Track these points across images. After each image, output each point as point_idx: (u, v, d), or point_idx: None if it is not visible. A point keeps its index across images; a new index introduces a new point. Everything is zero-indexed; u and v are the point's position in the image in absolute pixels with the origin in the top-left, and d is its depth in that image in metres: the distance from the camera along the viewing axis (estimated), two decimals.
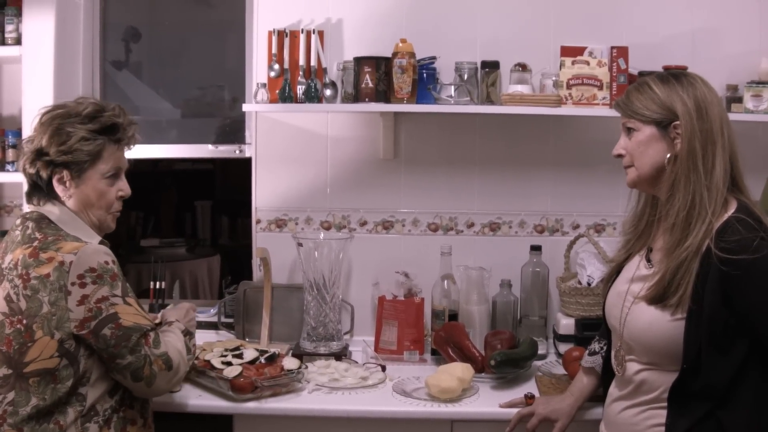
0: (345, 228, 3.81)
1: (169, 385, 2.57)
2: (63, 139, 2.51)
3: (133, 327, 2.44)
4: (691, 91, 2.36)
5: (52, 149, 2.50)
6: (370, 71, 3.45)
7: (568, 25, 3.69)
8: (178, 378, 2.59)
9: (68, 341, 2.39)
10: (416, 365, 3.47)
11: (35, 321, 2.37)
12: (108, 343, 2.41)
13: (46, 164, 2.52)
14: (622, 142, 2.49)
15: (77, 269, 2.39)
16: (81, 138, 2.52)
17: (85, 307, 2.39)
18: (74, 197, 2.56)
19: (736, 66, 3.63)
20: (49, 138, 2.51)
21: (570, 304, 3.51)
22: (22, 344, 2.38)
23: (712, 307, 2.23)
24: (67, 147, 2.51)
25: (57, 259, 2.40)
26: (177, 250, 6.42)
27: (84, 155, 2.53)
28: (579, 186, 3.76)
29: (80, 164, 2.53)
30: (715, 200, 2.30)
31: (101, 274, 2.42)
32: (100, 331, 2.40)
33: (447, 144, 3.77)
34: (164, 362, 2.50)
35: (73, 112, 2.56)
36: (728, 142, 2.35)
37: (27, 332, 2.38)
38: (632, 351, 2.46)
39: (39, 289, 2.38)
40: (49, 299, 2.38)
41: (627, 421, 2.48)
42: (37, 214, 2.54)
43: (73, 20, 3.89)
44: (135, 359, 2.44)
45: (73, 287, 2.39)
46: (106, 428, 2.46)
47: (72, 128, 2.52)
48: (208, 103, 4.40)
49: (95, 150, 2.55)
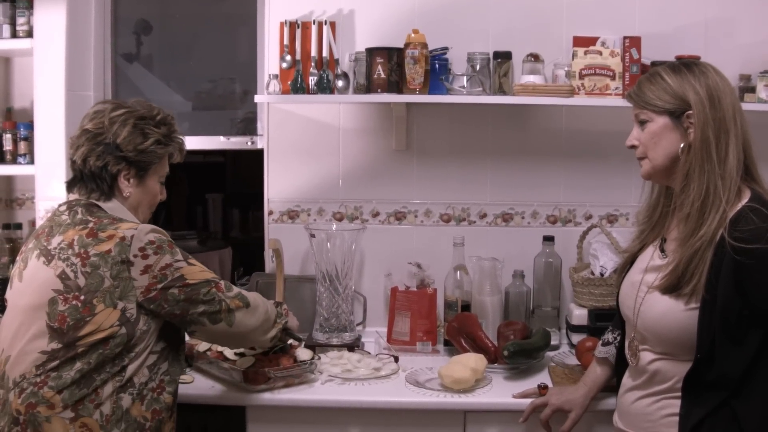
0: (357, 219, 3.81)
1: (255, 320, 2.69)
2: (141, 140, 2.60)
3: (201, 282, 2.54)
4: (703, 80, 2.35)
5: (129, 146, 2.58)
6: (383, 62, 3.44)
7: (580, 15, 3.68)
8: (261, 314, 2.71)
9: (130, 310, 2.45)
10: (429, 356, 3.47)
11: (96, 296, 2.42)
12: (177, 298, 2.49)
13: (117, 159, 2.58)
14: (635, 133, 2.48)
15: (138, 243, 2.46)
16: (156, 141, 2.63)
17: (149, 275, 2.46)
18: (132, 195, 2.64)
19: (749, 56, 3.62)
20: (128, 135, 2.58)
21: (583, 295, 3.50)
22: (79, 320, 2.41)
23: (726, 297, 2.23)
24: (144, 147, 2.60)
25: (117, 236, 2.46)
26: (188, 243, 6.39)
27: (156, 158, 2.65)
28: (591, 176, 3.75)
29: (148, 165, 2.64)
30: (729, 189, 2.29)
31: (160, 245, 2.49)
32: (168, 290, 2.48)
33: (459, 134, 3.77)
34: (240, 300, 2.63)
35: (147, 115, 2.65)
36: (741, 130, 2.34)
37: (86, 308, 2.42)
38: (646, 341, 2.46)
39: (99, 265, 2.43)
40: (110, 273, 2.43)
41: (641, 411, 2.48)
42: (85, 201, 2.59)
43: (85, 13, 3.89)
44: (208, 306, 2.55)
45: (136, 259, 2.45)
46: (139, 403, 2.49)
47: (150, 130, 2.62)
48: (219, 96, 4.40)
49: (163, 154, 2.67)
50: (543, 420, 2.84)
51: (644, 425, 2.46)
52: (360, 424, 3.01)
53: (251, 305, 2.66)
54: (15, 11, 3.67)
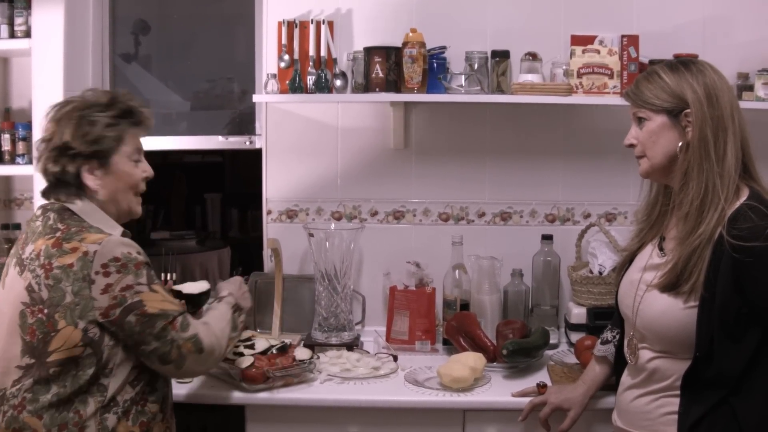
0: (356, 218, 3.81)
1: (203, 367, 2.59)
2: (87, 130, 2.50)
3: (159, 314, 2.43)
4: (701, 78, 2.35)
5: (77, 142, 2.49)
6: (381, 61, 3.44)
7: (578, 14, 3.68)
8: (213, 359, 2.59)
9: (92, 330, 2.38)
10: (428, 355, 3.48)
11: (57, 311, 2.37)
12: (133, 329, 2.40)
13: (72, 158, 2.51)
14: (633, 131, 2.48)
15: (101, 259, 2.38)
16: (106, 125, 2.53)
17: (109, 295, 2.38)
18: (106, 186, 2.55)
19: (747, 54, 3.62)
20: (73, 131, 2.50)
21: (581, 293, 3.50)
22: (46, 333, 2.37)
23: (724, 295, 2.23)
24: (94, 136, 2.50)
25: (81, 249, 2.39)
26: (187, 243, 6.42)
27: (111, 141, 2.53)
28: (590, 175, 3.75)
29: (107, 152, 2.53)
30: (727, 187, 2.29)
31: (125, 263, 2.41)
32: (125, 317, 2.39)
33: (457, 133, 3.77)
34: (193, 345, 2.49)
35: (90, 103, 2.56)
36: (739, 128, 2.34)
37: (49, 322, 2.37)
38: (645, 339, 2.46)
39: (62, 278, 2.38)
40: (72, 289, 2.37)
41: (640, 410, 2.48)
42: (58, 206, 2.53)
43: (83, 13, 3.89)
44: (161, 344, 2.43)
45: (97, 276, 2.38)
46: (125, 420, 2.44)
47: (96, 117, 2.52)
48: (217, 96, 4.40)
49: (119, 135, 2.55)
50: (542, 418, 2.84)
51: (643, 423, 2.46)
52: (359, 424, 3.01)
53: (205, 351, 2.52)
54: (13, 11, 3.66)
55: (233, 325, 2.72)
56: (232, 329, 2.70)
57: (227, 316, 2.71)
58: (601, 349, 2.83)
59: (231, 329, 2.69)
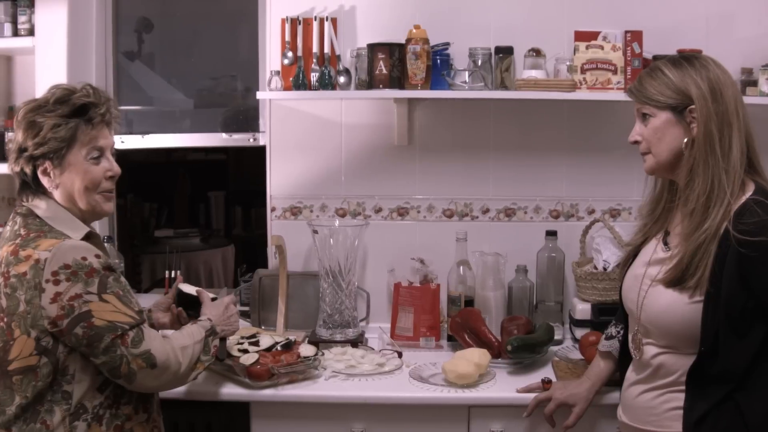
0: (360, 215, 3.80)
1: (158, 382, 2.48)
2: (35, 131, 2.45)
3: (106, 327, 2.36)
4: (705, 73, 2.35)
5: (28, 143, 2.46)
6: (384, 58, 3.44)
7: (581, 10, 3.67)
8: (169, 375, 2.48)
9: (45, 338, 2.34)
10: (432, 351, 3.48)
11: (13, 319, 2.34)
12: (80, 342, 2.35)
13: (27, 160, 2.47)
14: (637, 128, 2.47)
15: (51, 266, 2.34)
16: (52, 126, 2.46)
17: (57, 304, 2.33)
18: (61, 186, 2.49)
19: (750, 49, 3.61)
20: (24, 133, 2.47)
21: (586, 289, 3.50)
22: (6, 342, 2.35)
23: (730, 290, 2.23)
24: (41, 138, 2.45)
25: (33, 257, 2.35)
26: (191, 241, 6.44)
27: (58, 142, 2.46)
28: (594, 171, 3.75)
29: (58, 152, 2.46)
30: (733, 182, 2.29)
31: (75, 270, 2.35)
32: (72, 329, 2.33)
33: (461, 130, 3.77)
34: (144, 360, 2.40)
35: (42, 102, 2.50)
36: (744, 123, 2.34)
37: (8, 330, 2.35)
38: (650, 334, 2.46)
39: (17, 287, 2.35)
40: (25, 297, 2.34)
41: (645, 405, 2.48)
42: (25, 209, 2.50)
43: (86, 11, 3.90)
44: (109, 359, 2.36)
45: (47, 284, 2.33)
46: (97, 425, 2.41)
47: (42, 118, 2.46)
48: (220, 93, 4.40)
49: (69, 135, 2.48)
50: (547, 414, 2.84)
51: (648, 419, 2.46)
52: (364, 420, 3.02)
53: (158, 366, 2.42)
54: (16, 9, 3.67)
55: (204, 348, 2.61)
56: (202, 352, 2.60)
57: (197, 337, 2.60)
58: (605, 345, 2.83)
59: (200, 351, 2.59)
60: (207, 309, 2.82)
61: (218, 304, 2.85)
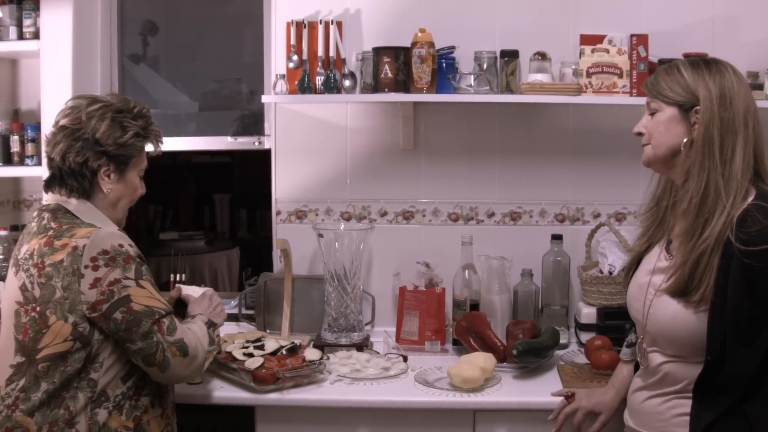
0: (365, 219, 3.80)
1: (187, 371, 2.56)
2: (120, 133, 2.55)
3: (145, 311, 2.44)
4: (719, 78, 2.35)
5: (109, 141, 2.53)
6: (389, 61, 3.44)
7: (587, 13, 3.67)
8: (196, 365, 2.57)
9: (82, 324, 2.40)
10: (438, 355, 3.47)
11: (48, 307, 2.39)
12: (119, 327, 2.41)
13: (97, 154, 2.53)
14: (644, 120, 2.49)
15: (90, 252, 2.40)
16: (135, 134, 2.58)
17: (97, 290, 2.39)
18: (113, 191, 2.58)
19: (756, 53, 3.61)
20: (107, 129, 2.53)
21: (591, 293, 3.50)
22: (37, 331, 2.39)
23: (736, 299, 2.21)
24: (124, 141, 2.56)
25: (71, 245, 2.41)
26: (196, 243, 6.44)
27: (135, 151, 2.60)
28: (599, 175, 3.74)
29: (128, 159, 2.58)
30: (734, 191, 2.27)
31: (114, 256, 2.42)
32: (111, 314, 2.40)
33: (467, 133, 3.76)
34: (179, 348, 2.50)
35: (124, 108, 2.60)
36: (753, 133, 2.33)
37: (41, 319, 2.39)
38: (656, 343, 2.45)
39: (53, 275, 2.40)
40: (62, 284, 2.39)
41: (651, 410, 2.47)
42: (54, 205, 2.55)
43: (91, 14, 3.90)
44: (146, 345, 2.44)
45: (86, 270, 2.39)
46: (117, 414, 2.45)
47: (128, 123, 2.58)
48: (225, 97, 4.40)
49: (142, 147, 2.63)
50: (575, 425, 2.82)
51: (655, 424, 2.45)
52: (369, 424, 3.02)
53: (189, 355, 2.53)
54: (21, 13, 3.68)
55: (210, 339, 2.70)
56: (209, 342, 2.68)
57: (204, 330, 2.70)
58: (626, 353, 2.81)
59: (208, 342, 2.67)
60: (193, 306, 2.88)
61: (200, 300, 2.91)
